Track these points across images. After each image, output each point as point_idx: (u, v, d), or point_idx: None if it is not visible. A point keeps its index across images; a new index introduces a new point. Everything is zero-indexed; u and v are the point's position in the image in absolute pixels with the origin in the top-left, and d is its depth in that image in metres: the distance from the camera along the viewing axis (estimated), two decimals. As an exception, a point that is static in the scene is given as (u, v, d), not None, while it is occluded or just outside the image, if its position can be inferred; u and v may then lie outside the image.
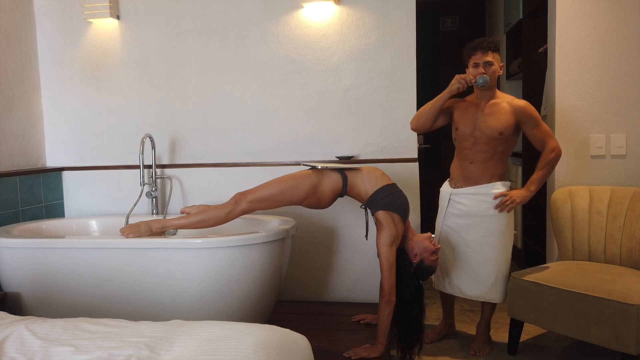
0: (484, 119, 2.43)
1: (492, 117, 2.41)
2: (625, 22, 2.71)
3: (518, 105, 2.41)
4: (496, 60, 2.42)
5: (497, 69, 2.42)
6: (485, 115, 2.43)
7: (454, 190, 2.54)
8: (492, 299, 2.51)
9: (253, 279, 2.32)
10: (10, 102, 3.00)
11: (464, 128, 2.47)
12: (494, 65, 2.40)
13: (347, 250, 3.03)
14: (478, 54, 2.41)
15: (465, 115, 2.48)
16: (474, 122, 2.45)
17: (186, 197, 3.17)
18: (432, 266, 2.30)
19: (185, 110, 3.14)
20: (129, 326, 1.60)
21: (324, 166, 2.38)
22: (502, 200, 2.40)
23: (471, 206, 2.48)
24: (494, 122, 2.40)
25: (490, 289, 2.50)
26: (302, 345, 1.56)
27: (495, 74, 2.42)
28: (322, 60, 2.98)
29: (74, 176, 3.29)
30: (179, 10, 3.09)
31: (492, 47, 2.41)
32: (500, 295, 2.51)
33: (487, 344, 2.58)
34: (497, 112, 2.41)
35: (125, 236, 2.33)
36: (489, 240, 2.46)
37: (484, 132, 2.42)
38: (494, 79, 2.43)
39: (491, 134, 2.40)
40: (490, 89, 2.44)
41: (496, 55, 2.42)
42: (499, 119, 2.40)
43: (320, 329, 2.58)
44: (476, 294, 2.52)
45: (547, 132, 2.42)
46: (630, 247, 2.45)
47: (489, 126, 2.41)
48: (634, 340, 2.03)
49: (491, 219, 2.45)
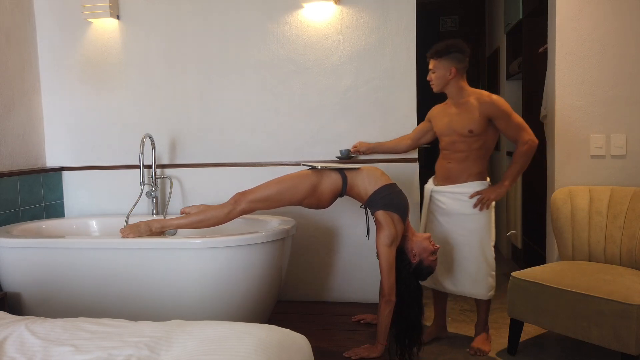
0: (454, 119, 2.50)
1: (461, 116, 2.48)
2: (625, 22, 2.71)
3: (484, 101, 2.44)
4: (439, 67, 2.47)
5: (440, 74, 2.47)
6: (455, 115, 2.51)
7: (434, 188, 2.62)
8: (474, 294, 2.57)
9: (253, 279, 2.32)
10: (10, 102, 3.00)
11: (440, 130, 2.58)
12: (436, 72, 2.48)
13: (347, 250, 3.03)
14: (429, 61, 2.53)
15: (441, 119, 2.58)
16: (448, 122, 2.53)
17: (186, 197, 3.17)
18: (431, 266, 2.30)
19: (185, 110, 3.14)
20: (129, 326, 1.60)
21: (323, 166, 2.38)
22: (478, 199, 2.46)
23: (450, 205, 2.54)
24: (463, 121, 2.46)
25: (472, 286, 2.55)
26: (302, 345, 1.56)
27: (440, 79, 2.48)
28: (322, 60, 2.98)
29: (73, 176, 3.29)
30: (179, 10, 3.09)
31: (431, 54, 2.50)
32: (483, 291, 2.55)
33: (486, 344, 2.58)
34: (465, 111, 2.47)
35: (125, 236, 2.33)
36: (468, 239, 2.52)
37: (456, 131, 2.49)
38: (439, 85, 2.50)
39: (462, 132, 2.47)
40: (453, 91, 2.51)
41: (439, 61, 2.46)
42: (467, 116, 2.46)
43: (320, 329, 2.58)
44: (458, 290, 2.59)
45: (518, 124, 2.44)
46: (630, 247, 2.45)
47: (459, 125, 2.48)
48: (634, 340, 2.03)
49: (469, 217, 2.51)
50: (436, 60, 2.47)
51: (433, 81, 2.51)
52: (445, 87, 2.51)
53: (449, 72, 2.46)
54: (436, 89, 2.53)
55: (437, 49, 2.47)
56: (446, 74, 2.47)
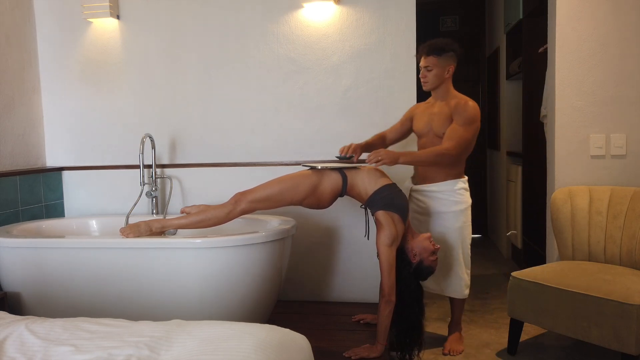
0: (434, 119, 2.49)
1: (440, 117, 2.47)
2: (625, 22, 2.70)
3: (458, 102, 2.44)
4: (438, 65, 2.42)
5: (438, 72, 2.43)
6: (435, 115, 2.49)
7: (413, 187, 2.62)
8: (450, 292, 2.58)
9: (253, 278, 2.32)
10: (10, 102, 3.00)
11: (421, 129, 2.55)
12: (433, 70, 2.43)
13: (347, 250, 3.03)
14: (421, 58, 2.46)
15: (422, 118, 2.56)
16: (429, 122, 2.51)
17: (186, 197, 3.17)
18: (431, 266, 2.30)
19: (185, 110, 3.14)
20: (128, 326, 1.60)
21: (323, 166, 2.38)
22: (374, 152, 2.28)
23: (428, 203, 2.55)
24: (441, 121, 2.46)
25: (449, 284, 2.57)
26: (302, 345, 1.56)
27: (437, 77, 2.44)
28: (322, 60, 2.98)
29: (73, 176, 3.29)
30: (179, 10, 3.09)
31: (429, 51, 2.42)
32: (459, 289, 2.56)
33: (459, 344, 2.62)
34: (445, 113, 2.46)
35: (125, 236, 2.33)
36: (446, 237, 2.53)
37: (436, 132, 2.48)
38: (435, 83, 2.45)
39: (438, 134, 2.47)
40: (442, 90, 2.49)
41: (438, 59, 2.41)
42: (445, 118, 2.45)
43: (320, 329, 2.58)
44: (435, 288, 2.61)
45: (459, 134, 2.37)
46: (630, 247, 2.45)
47: (436, 125, 2.47)
48: (634, 340, 2.03)
49: (447, 216, 2.51)
50: (436, 57, 2.41)
51: (428, 79, 2.45)
52: (439, 86, 2.48)
53: (446, 71, 2.44)
54: (429, 87, 2.48)
55: (437, 46, 2.41)
56: (444, 73, 2.44)
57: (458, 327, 2.67)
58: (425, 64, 2.44)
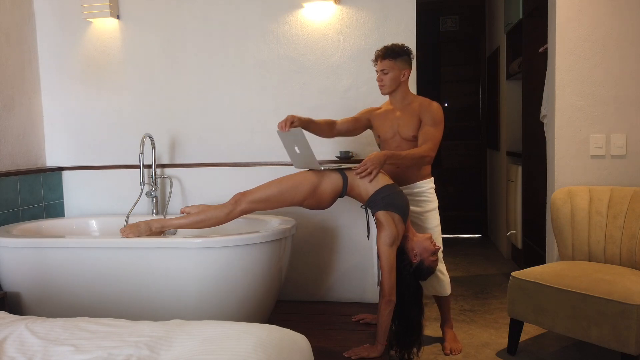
0: (400, 123, 2.49)
1: (406, 121, 2.48)
2: (625, 22, 2.70)
3: (422, 104, 2.46)
4: (394, 68, 2.43)
5: (394, 76, 2.44)
6: (399, 119, 2.50)
7: None
8: (436, 292, 2.61)
9: (253, 278, 2.32)
10: (10, 102, 3.00)
11: (385, 134, 2.54)
12: (389, 73, 2.44)
13: (347, 250, 3.03)
14: (377, 62, 2.47)
15: (385, 123, 2.55)
16: (394, 127, 2.51)
17: (186, 197, 3.17)
18: (431, 266, 2.30)
19: (185, 110, 3.14)
20: (128, 326, 1.60)
21: (324, 166, 2.37)
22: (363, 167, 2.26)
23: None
24: (407, 125, 2.46)
25: (434, 283, 2.58)
26: (302, 345, 1.56)
27: (394, 81, 2.45)
28: (322, 60, 2.98)
29: (73, 176, 3.29)
30: (179, 10, 3.09)
31: (385, 55, 2.44)
32: (445, 287, 2.59)
33: (457, 342, 2.64)
34: (409, 115, 2.47)
35: (125, 236, 2.33)
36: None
37: (402, 135, 2.49)
38: (392, 86, 2.46)
39: (407, 137, 2.47)
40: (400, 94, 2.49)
41: (395, 62, 2.42)
42: (411, 121, 2.46)
43: (320, 329, 2.58)
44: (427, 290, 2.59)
45: (433, 136, 2.41)
46: (630, 247, 2.45)
47: (404, 129, 2.47)
48: (634, 340, 2.03)
49: (421, 217, 2.55)
50: (392, 61, 2.42)
51: (385, 82, 2.46)
52: (395, 89, 2.49)
53: (402, 74, 2.45)
54: (387, 90, 2.49)
55: (393, 49, 2.43)
56: (400, 76, 2.45)
57: (450, 324, 2.70)
58: (381, 67, 2.46)
